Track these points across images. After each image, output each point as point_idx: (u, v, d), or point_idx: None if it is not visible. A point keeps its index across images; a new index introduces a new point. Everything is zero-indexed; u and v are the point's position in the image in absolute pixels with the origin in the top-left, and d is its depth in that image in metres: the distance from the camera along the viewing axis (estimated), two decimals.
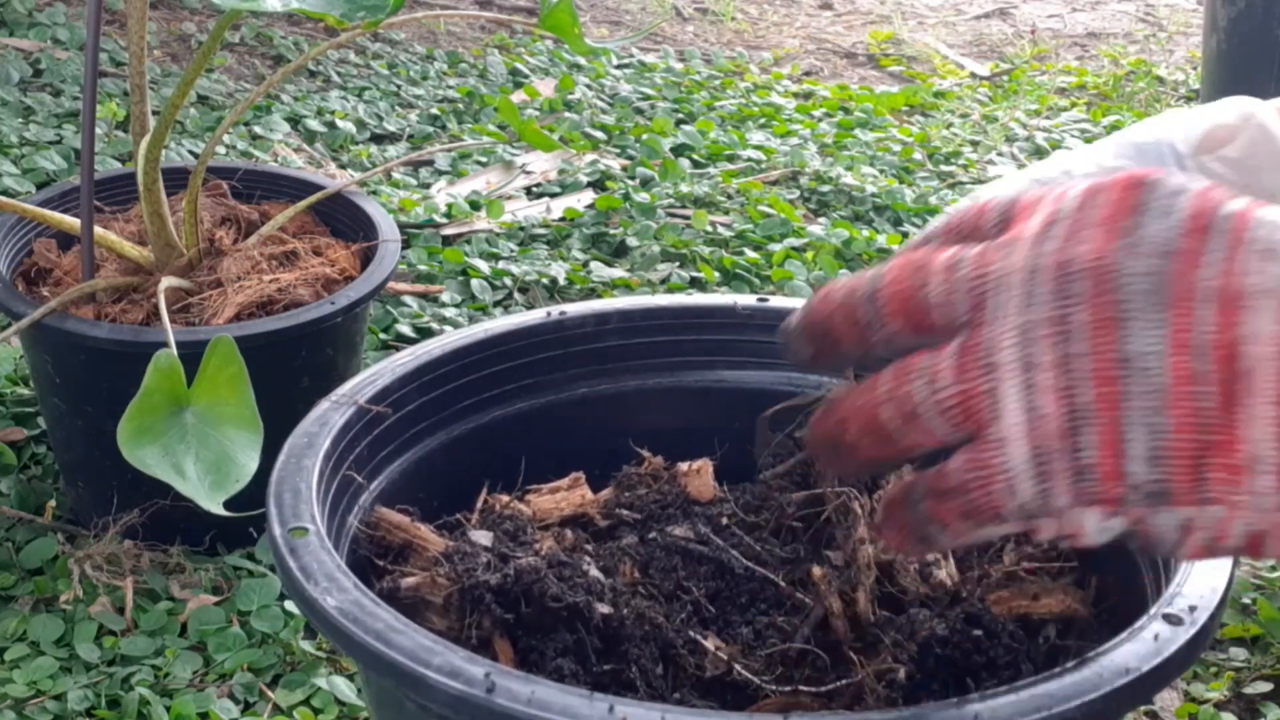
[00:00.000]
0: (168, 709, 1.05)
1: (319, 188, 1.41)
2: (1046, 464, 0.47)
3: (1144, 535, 0.47)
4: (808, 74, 3.21)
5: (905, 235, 2.09)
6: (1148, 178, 0.48)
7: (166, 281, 1.19)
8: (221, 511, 0.86)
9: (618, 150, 2.44)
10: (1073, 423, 0.46)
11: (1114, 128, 2.72)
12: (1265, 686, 1.13)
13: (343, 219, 1.40)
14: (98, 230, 1.22)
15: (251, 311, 1.20)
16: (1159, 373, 0.45)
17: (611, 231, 2.01)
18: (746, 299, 0.87)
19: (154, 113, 1.27)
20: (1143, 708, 1.11)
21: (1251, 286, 0.44)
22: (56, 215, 1.26)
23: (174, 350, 0.95)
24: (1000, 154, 2.54)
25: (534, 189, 2.24)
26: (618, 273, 1.86)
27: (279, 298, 1.22)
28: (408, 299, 1.75)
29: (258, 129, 2.34)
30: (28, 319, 1.13)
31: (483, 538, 0.71)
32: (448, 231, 1.99)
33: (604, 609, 0.66)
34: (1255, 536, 0.45)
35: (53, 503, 1.30)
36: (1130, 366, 0.46)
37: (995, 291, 0.49)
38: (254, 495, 0.78)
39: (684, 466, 0.81)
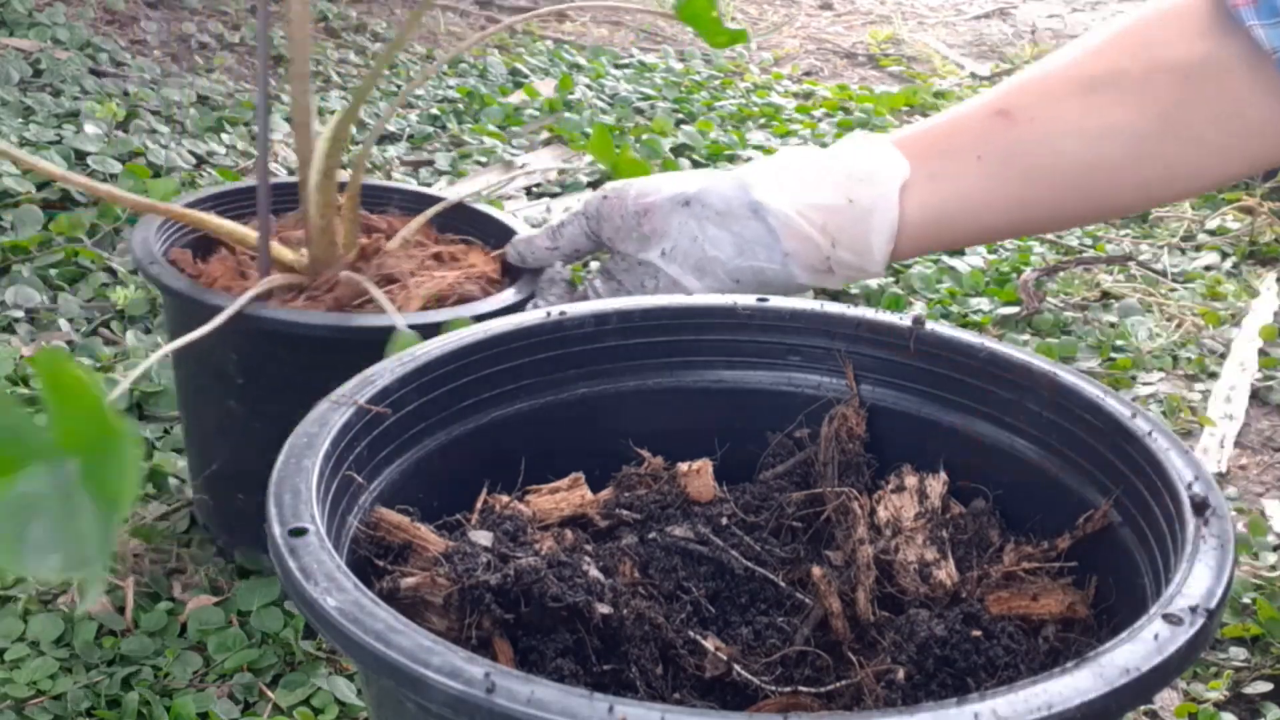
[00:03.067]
0: (168, 709, 1.05)
1: (430, 199, 1.41)
2: None
3: None
4: (808, 74, 3.21)
5: None
6: None
7: (347, 274, 1.20)
8: None
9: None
10: None
11: None
12: (1265, 686, 1.13)
13: (462, 226, 1.40)
14: (240, 229, 1.22)
15: (430, 305, 1.21)
16: None
17: None
18: (746, 299, 0.87)
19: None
20: (1143, 708, 1.11)
21: None
22: (214, 219, 1.24)
23: (404, 328, 0.98)
24: None
25: (534, 189, 2.24)
26: None
27: (448, 293, 1.23)
28: None
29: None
30: (234, 306, 1.09)
31: (483, 538, 0.71)
32: None
33: (604, 609, 0.67)
34: None
35: None
36: None
37: None
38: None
39: (684, 467, 0.81)
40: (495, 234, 1.35)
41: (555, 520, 0.78)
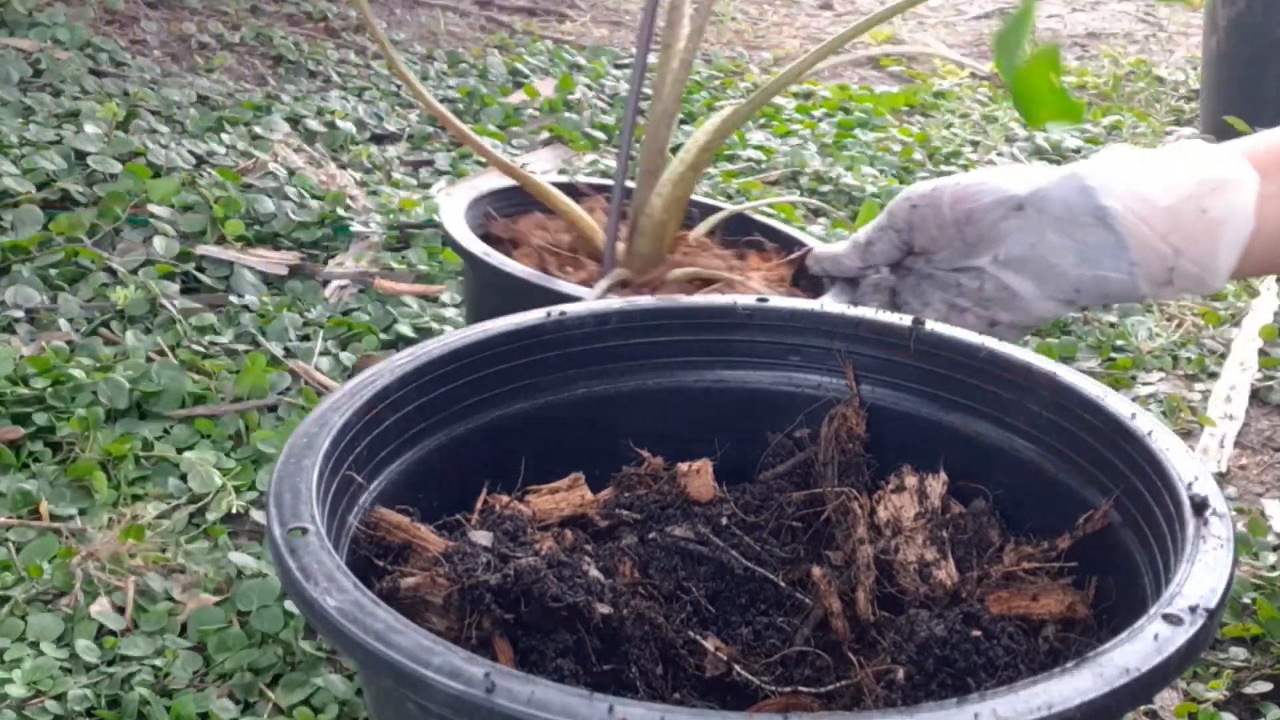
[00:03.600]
0: (168, 709, 1.05)
1: (710, 207, 1.41)
2: None
3: None
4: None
5: None
6: None
7: (677, 272, 1.21)
8: None
9: (618, 150, 2.44)
10: None
11: (1114, 128, 2.72)
12: (1265, 686, 1.13)
13: (734, 233, 1.40)
14: (585, 217, 1.24)
15: None
16: None
17: None
18: (746, 299, 0.87)
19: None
20: (1143, 708, 1.11)
21: None
22: (567, 203, 1.27)
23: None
24: (1000, 154, 2.54)
25: None
26: None
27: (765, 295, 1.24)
28: (408, 299, 1.75)
29: (258, 129, 2.34)
30: (595, 292, 1.10)
31: (482, 538, 0.71)
32: None
33: (604, 609, 0.67)
34: None
35: (46, 503, 1.30)
36: None
37: None
38: None
39: (684, 467, 0.81)
40: (773, 241, 1.36)
41: (555, 520, 0.78)
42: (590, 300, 1.05)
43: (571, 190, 1.40)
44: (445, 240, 1.21)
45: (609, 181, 1.41)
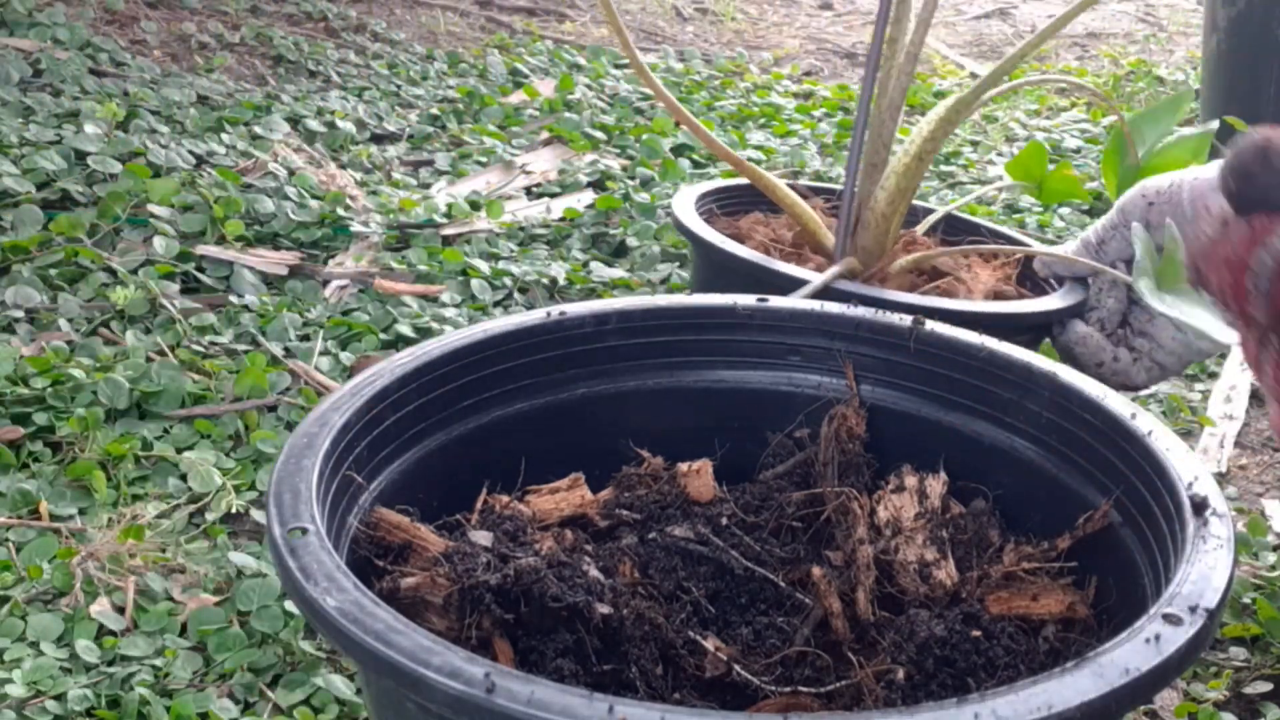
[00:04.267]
0: (168, 709, 1.05)
1: (921, 209, 1.42)
2: None
3: None
4: (808, 74, 3.21)
5: None
6: None
7: (903, 260, 1.22)
8: None
9: (618, 150, 2.44)
10: None
11: (1114, 128, 2.71)
12: (1265, 686, 1.13)
13: (950, 233, 1.40)
14: (803, 206, 1.24)
15: (990, 297, 1.23)
16: None
17: (611, 231, 2.01)
18: (746, 299, 0.87)
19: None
20: (1143, 708, 1.11)
21: None
22: (793, 197, 1.28)
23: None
24: (1000, 154, 2.54)
25: (534, 189, 2.24)
26: (618, 273, 1.86)
27: (995, 291, 1.24)
28: (408, 299, 1.75)
29: (258, 129, 2.34)
30: (819, 280, 1.10)
31: (482, 538, 0.71)
32: (448, 231, 1.99)
33: (604, 609, 0.66)
34: None
35: (46, 503, 1.30)
36: None
37: None
38: None
39: (684, 467, 0.81)
40: (990, 240, 1.36)
41: (555, 520, 0.77)
42: (814, 286, 1.08)
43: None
44: (678, 228, 1.24)
45: (824, 185, 1.44)
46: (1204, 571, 0.59)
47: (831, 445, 0.80)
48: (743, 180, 1.39)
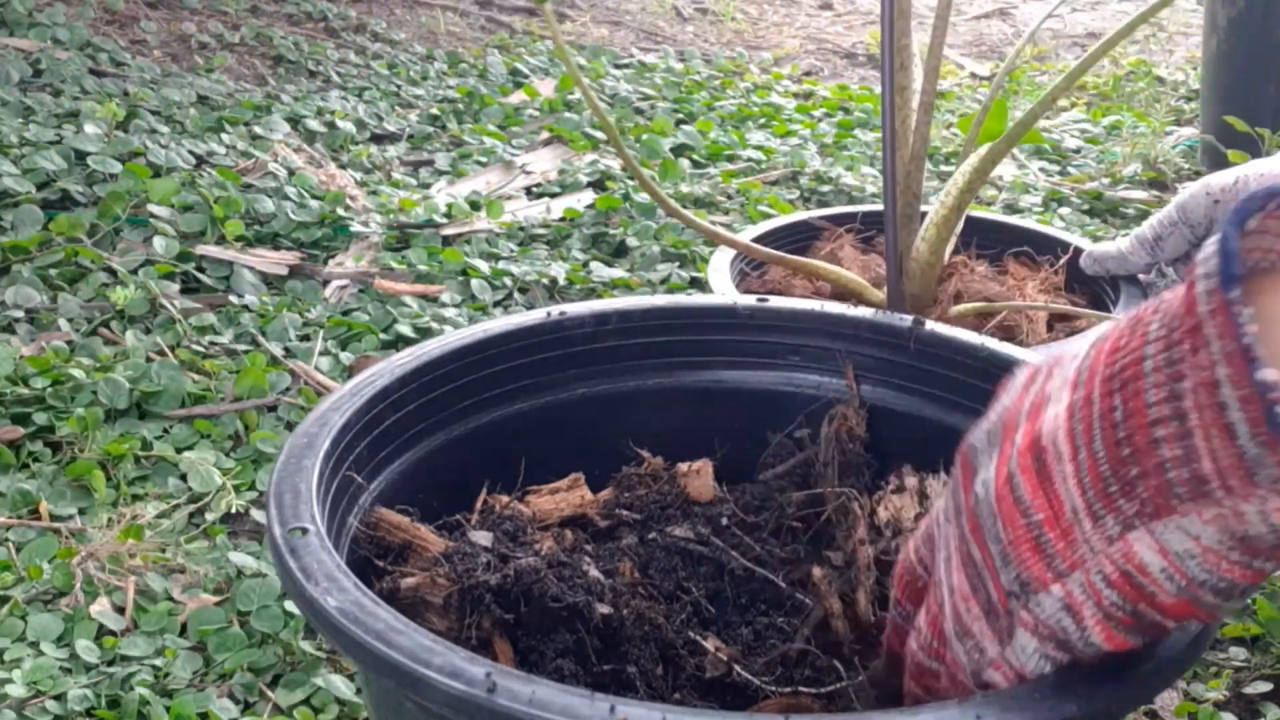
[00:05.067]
0: (168, 709, 1.05)
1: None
2: (965, 624, 0.53)
3: (1052, 637, 0.50)
4: (808, 74, 3.21)
5: None
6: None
7: (958, 309, 1.21)
8: None
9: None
10: (974, 580, 0.53)
11: (1114, 128, 2.71)
12: (1265, 686, 1.13)
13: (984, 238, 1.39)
14: (841, 272, 1.24)
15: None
16: (990, 492, 0.52)
17: (611, 231, 2.01)
18: (746, 299, 0.87)
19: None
20: (1142, 708, 1.11)
21: (1053, 387, 0.51)
22: (831, 270, 1.26)
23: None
24: None
25: (534, 189, 2.24)
26: (618, 273, 1.86)
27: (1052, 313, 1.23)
28: (408, 299, 1.75)
29: (258, 129, 2.34)
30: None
31: (482, 538, 0.71)
32: (448, 231, 1.99)
33: (604, 609, 0.67)
34: (1118, 579, 0.48)
35: (46, 503, 1.30)
36: (979, 503, 0.52)
37: (935, 524, 0.57)
38: None
39: (684, 467, 0.81)
40: (1026, 243, 1.35)
41: (555, 520, 0.77)
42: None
43: (807, 228, 1.42)
44: None
45: (837, 210, 1.45)
46: None
47: (831, 445, 0.80)
48: (794, 219, 1.41)
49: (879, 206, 1.53)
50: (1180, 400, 0.45)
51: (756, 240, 1.37)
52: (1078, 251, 1.30)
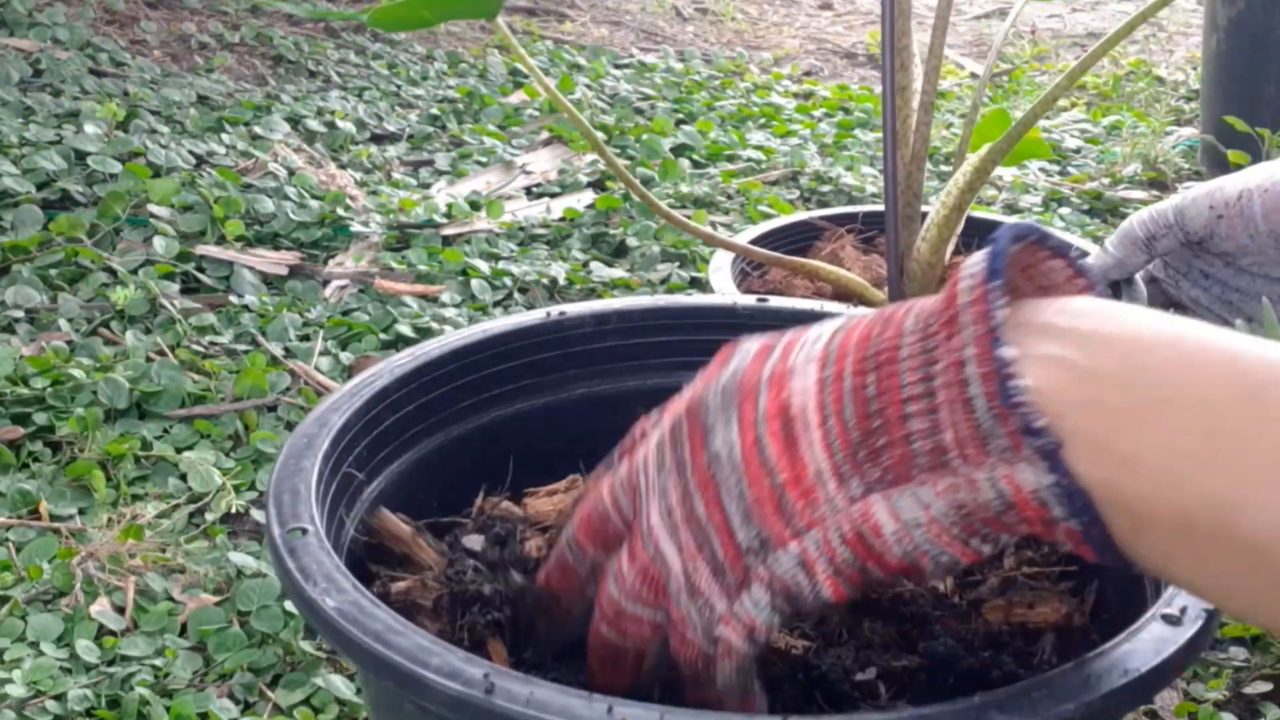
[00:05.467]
0: (168, 709, 1.05)
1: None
2: (694, 582, 0.54)
3: (784, 591, 0.53)
4: (808, 74, 3.21)
5: None
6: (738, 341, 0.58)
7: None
8: None
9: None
10: (699, 537, 0.54)
11: (1114, 128, 2.71)
12: (1265, 686, 1.13)
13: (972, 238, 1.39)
14: (842, 273, 1.24)
15: None
16: (735, 452, 0.54)
17: (611, 231, 2.01)
18: (746, 299, 0.87)
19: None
20: (1142, 708, 1.11)
21: (797, 362, 0.54)
22: (833, 271, 1.25)
23: None
24: None
25: (534, 189, 2.24)
26: (618, 273, 1.86)
27: None
28: (408, 299, 1.75)
29: (258, 129, 2.34)
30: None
31: (475, 542, 0.71)
32: (448, 231, 1.99)
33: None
34: (853, 538, 0.51)
35: (46, 503, 1.30)
36: (718, 462, 0.54)
37: (641, 473, 0.58)
38: None
39: None
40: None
41: (552, 522, 0.77)
42: None
43: (808, 227, 1.41)
44: None
45: (838, 210, 1.44)
46: None
47: None
48: (792, 220, 1.41)
49: (880, 206, 1.52)
50: (932, 381, 0.49)
51: (756, 241, 1.37)
52: (1080, 253, 1.30)
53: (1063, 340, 0.48)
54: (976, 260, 0.49)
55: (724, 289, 1.22)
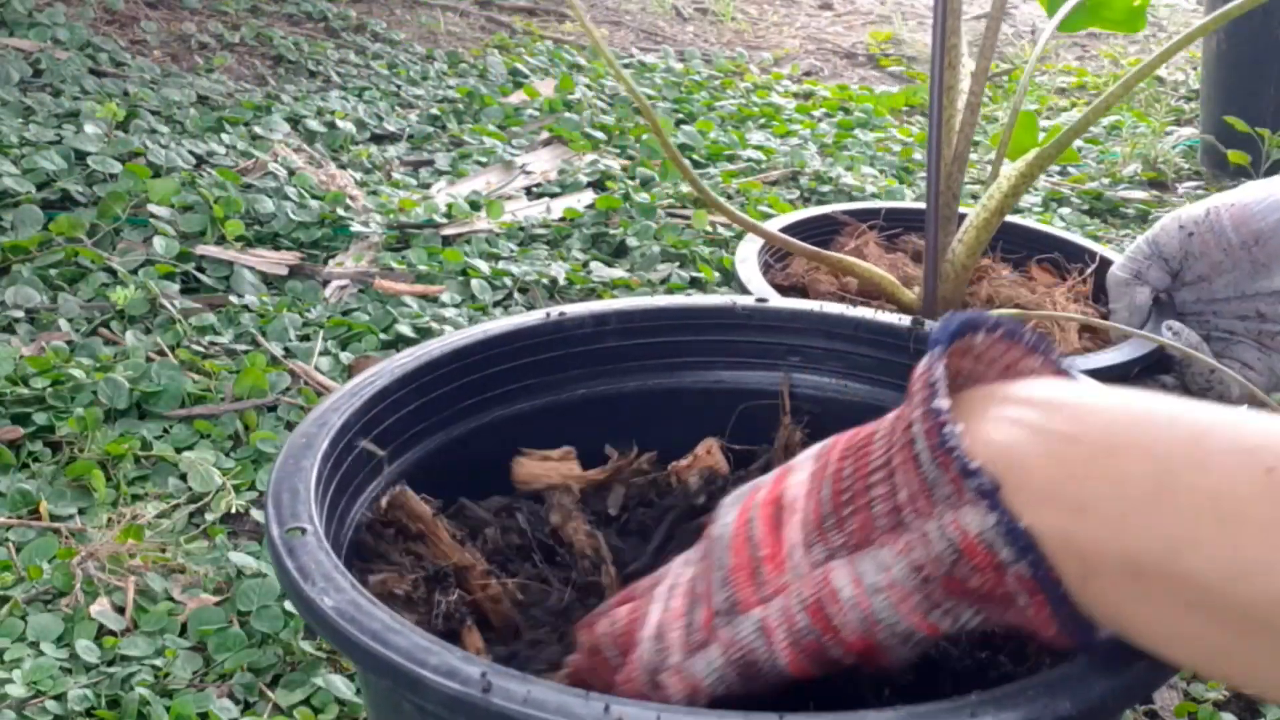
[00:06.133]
0: (168, 709, 1.05)
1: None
2: (663, 631, 0.57)
3: (741, 657, 0.54)
4: (808, 74, 3.21)
5: None
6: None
7: (994, 313, 1.19)
8: None
9: (618, 150, 2.44)
10: (689, 604, 0.57)
11: (1114, 128, 2.71)
12: None
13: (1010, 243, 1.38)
14: (875, 269, 1.22)
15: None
16: (728, 531, 0.57)
17: (611, 231, 2.01)
18: (746, 299, 0.87)
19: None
20: (1141, 707, 1.11)
21: (800, 462, 0.58)
22: (864, 266, 1.23)
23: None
24: None
25: (534, 189, 2.24)
26: (618, 273, 1.87)
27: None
28: (408, 299, 1.75)
29: (258, 129, 2.34)
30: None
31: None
32: (448, 232, 1.99)
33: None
34: (813, 605, 0.53)
35: (46, 503, 1.30)
36: (715, 541, 0.57)
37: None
38: None
39: (682, 462, 0.81)
40: (1052, 249, 1.34)
41: (541, 486, 0.77)
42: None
43: (829, 222, 1.41)
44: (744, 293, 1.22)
45: (860, 205, 1.43)
46: None
47: (782, 458, 0.80)
48: (815, 212, 1.40)
49: (902, 204, 1.52)
50: (890, 450, 0.53)
51: (792, 228, 1.36)
52: (1104, 261, 1.29)
53: (1020, 405, 0.51)
54: (923, 366, 0.53)
55: (751, 280, 1.21)
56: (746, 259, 1.26)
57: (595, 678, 0.59)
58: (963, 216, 1.22)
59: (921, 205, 1.48)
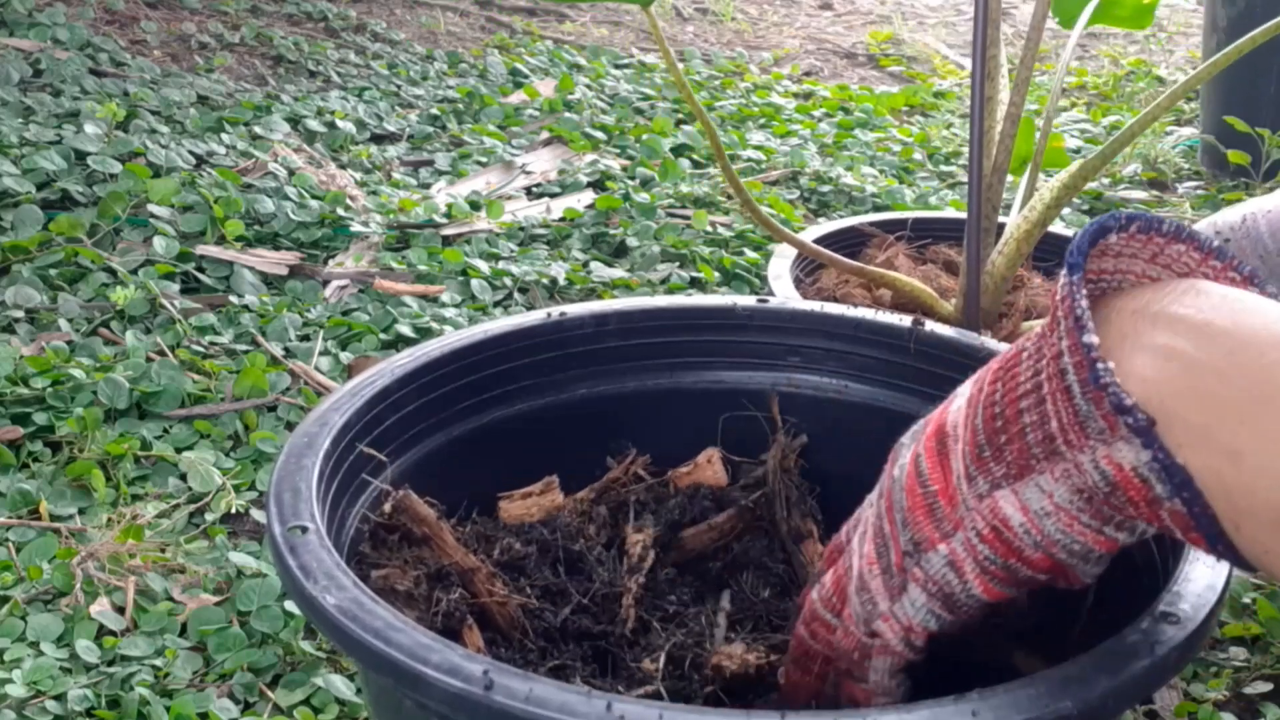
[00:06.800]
0: (168, 709, 1.05)
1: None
2: (865, 580, 0.58)
3: (939, 592, 0.56)
4: (808, 74, 3.21)
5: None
6: None
7: (1028, 325, 1.19)
8: None
9: (618, 150, 2.44)
10: (880, 547, 0.58)
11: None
12: (1265, 686, 1.13)
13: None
14: (915, 283, 1.22)
15: None
16: (903, 473, 0.58)
17: (611, 231, 2.01)
18: (746, 300, 0.87)
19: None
20: (1142, 707, 1.11)
21: (962, 389, 0.58)
22: (906, 280, 1.23)
23: None
24: None
25: (534, 189, 2.24)
26: (618, 273, 1.86)
27: None
28: (408, 299, 1.75)
29: (258, 129, 2.34)
30: None
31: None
32: (448, 232, 1.99)
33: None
34: (989, 535, 0.54)
35: (46, 503, 1.30)
36: (894, 481, 0.59)
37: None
38: None
39: (683, 468, 0.81)
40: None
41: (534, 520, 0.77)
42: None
43: (855, 234, 1.40)
44: None
45: (887, 216, 1.43)
46: (1202, 571, 0.59)
47: (777, 477, 0.80)
48: (846, 224, 1.40)
49: (927, 213, 1.52)
50: (1039, 375, 0.52)
51: (822, 239, 1.35)
52: None
53: (1172, 330, 0.50)
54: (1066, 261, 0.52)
55: (787, 295, 1.21)
56: (780, 275, 1.25)
57: (817, 643, 0.61)
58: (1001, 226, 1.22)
59: (947, 214, 1.47)
